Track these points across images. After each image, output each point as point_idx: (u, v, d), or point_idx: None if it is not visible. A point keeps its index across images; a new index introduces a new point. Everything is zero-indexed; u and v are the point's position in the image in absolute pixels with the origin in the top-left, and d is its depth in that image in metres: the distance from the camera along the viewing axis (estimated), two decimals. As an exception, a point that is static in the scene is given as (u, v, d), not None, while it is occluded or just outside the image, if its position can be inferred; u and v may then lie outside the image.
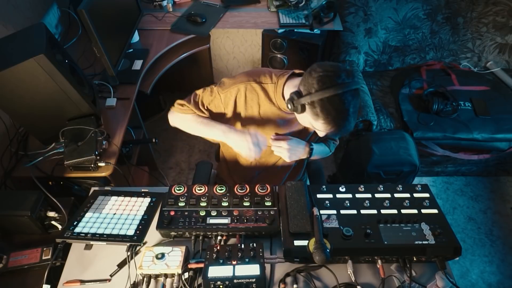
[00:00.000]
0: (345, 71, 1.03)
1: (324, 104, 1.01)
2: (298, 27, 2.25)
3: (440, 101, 2.13)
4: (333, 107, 1.01)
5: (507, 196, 2.44)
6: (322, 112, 1.03)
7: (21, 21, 1.72)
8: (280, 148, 1.23)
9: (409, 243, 1.01)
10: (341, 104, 1.01)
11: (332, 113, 1.02)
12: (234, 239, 1.12)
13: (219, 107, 1.28)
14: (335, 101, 1.01)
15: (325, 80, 1.01)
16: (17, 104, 1.32)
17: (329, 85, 1.00)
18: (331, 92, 1.00)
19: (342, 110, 1.02)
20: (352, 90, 1.01)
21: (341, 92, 1.00)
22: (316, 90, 1.02)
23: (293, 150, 1.24)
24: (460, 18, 2.34)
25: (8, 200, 1.20)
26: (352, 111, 1.03)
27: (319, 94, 1.01)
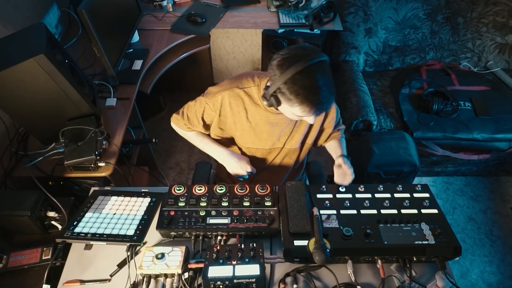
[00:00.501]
0: (300, 48, 1.02)
1: (290, 86, 1.01)
2: (298, 27, 2.24)
3: (440, 101, 2.13)
4: (299, 85, 1.00)
5: (507, 196, 2.44)
6: (292, 95, 1.01)
7: (21, 21, 1.72)
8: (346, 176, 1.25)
9: (409, 243, 1.01)
10: (305, 81, 0.99)
11: (301, 92, 1.00)
12: (234, 239, 1.12)
13: (211, 116, 1.31)
14: (298, 80, 0.99)
15: (282, 63, 1.01)
16: (17, 104, 1.32)
17: (286, 67, 1.00)
18: (290, 72, 0.99)
19: (309, 86, 1.00)
20: (314, 63, 0.99)
21: (301, 69, 0.98)
22: (278, 76, 1.02)
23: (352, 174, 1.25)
24: (460, 18, 2.34)
25: (8, 200, 1.20)
26: (321, 83, 1.00)
27: (281, 78, 1.00)
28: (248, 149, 1.40)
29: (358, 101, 2.11)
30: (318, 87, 1.00)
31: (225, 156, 1.35)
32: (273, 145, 1.37)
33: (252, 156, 1.41)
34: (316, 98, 1.02)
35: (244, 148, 1.40)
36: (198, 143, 1.42)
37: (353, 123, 2.07)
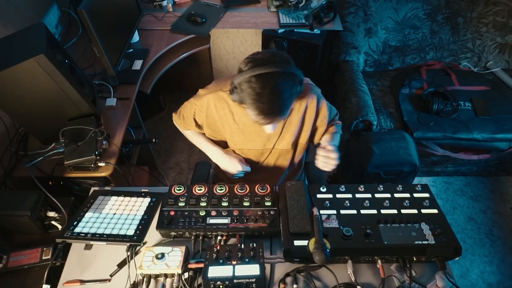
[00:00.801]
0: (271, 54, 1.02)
1: (246, 87, 1.01)
2: (298, 27, 2.24)
3: (440, 101, 2.13)
4: (252, 88, 1.00)
5: (507, 196, 2.44)
6: (244, 94, 1.02)
7: (21, 21, 1.72)
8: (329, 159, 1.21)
9: (409, 243, 1.01)
10: (258, 86, 0.99)
11: (252, 96, 1.01)
12: (234, 239, 1.12)
13: (201, 117, 1.33)
14: (252, 82, 1.00)
15: (248, 61, 1.02)
16: (17, 104, 1.32)
17: (249, 67, 1.01)
18: (249, 73, 1.00)
19: (260, 93, 0.99)
20: (274, 72, 0.99)
21: (259, 73, 0.98)
22: (241, 72, 1.03)
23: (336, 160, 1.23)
24: (460, 18, 2.34)
25: (8, 200, 1.20)
26: (273, 93, 0.99)
27: (241, 75, 1.01)
28: (240, 150, 1.41)
29: (358, 101, 2.11)
30: (268, 95, 0.99)
31: (218, 155, 1.38)
32: (264, 146, 1.37)
33: (245, 157, 1.42)
34: (263, 106, 1.01)
35: (237, 149, 1.41)
36: (194, 141, 1.46)
37: (353, 123, 2.07)
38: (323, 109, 1.31)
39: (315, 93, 1.26)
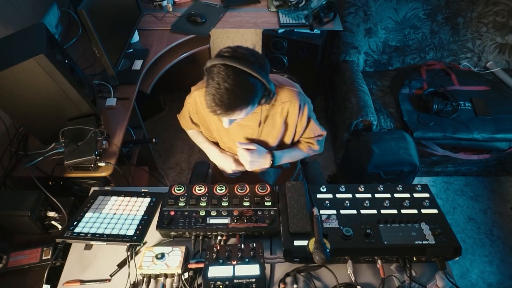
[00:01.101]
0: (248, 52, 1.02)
1: (208, 72, 1.02)
2: (298, 27, 2.24)
3: (440, 101, 2.13)
4: (210, 76, 1.01)
5: (507, 196, 2.44)
6: (209, 79, 1.02)
7: (21, 21, 1.72)
8: (243, 158, 1.28)
9: (409, 243, 1.01)
10: (221, 76, 0.99)
11: (209, 83, 1.02)
12: (234, 239, 1.12)
13: (194, 114, 1.36)
14: (213, 71, 1.00)
15: (222, 50, 1.03)
16: (17, 104, 1.32)
17: (218, 54, 1.02)
18: (215, 61, 1.00)
19: (218, 82, 0.99)
20: (236, 67, 0.98)
21: (222, 63, 0.99)
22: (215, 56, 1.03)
23: (254, 162, 1.28)
24: (460, 18, 2.34)
25: (8, 200, 1.20)
26: (224, 87, 0.98)
27: (213, 60, 1.02)
28: (229, 148, 1.42)
29: (358, 101, 2.11)
30: (224, 88, 0.99)
31: (215, 154, 1.40)
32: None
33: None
34: (214, 95, 1.00)
35: (226, 148, 1.42)
36: (195, 140, 1.49)
37: (353, 123, 2.07)
38: (303, 118, 1.28)
39: (300, 100, 1.23)
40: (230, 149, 1.42)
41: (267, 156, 1.29)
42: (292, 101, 1.23)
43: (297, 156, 1.43)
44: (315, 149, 1.41)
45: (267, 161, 1.29)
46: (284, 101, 1.23)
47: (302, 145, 1.41)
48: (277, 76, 1.29)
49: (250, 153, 1.25)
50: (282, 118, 1.26)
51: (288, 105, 1.23)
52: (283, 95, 1.22)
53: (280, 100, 1.23)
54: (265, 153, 1.29)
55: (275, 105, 1.24)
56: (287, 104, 1.23)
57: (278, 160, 1.33)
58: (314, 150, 1.41)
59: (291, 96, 1.22)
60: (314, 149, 1.40)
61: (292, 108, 1.24)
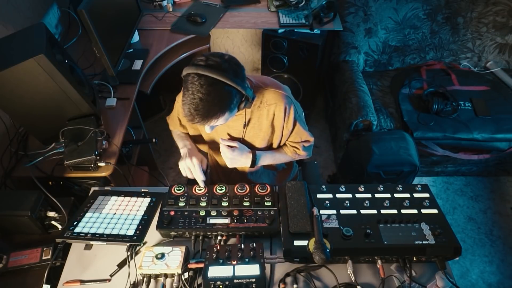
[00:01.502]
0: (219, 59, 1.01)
1: (185, 80, 1.02)
2: (298, 27, 2.24)
3: (440, 101, 2.13)
4: (184, 84, 1.01)
5: (507, 196, 2.44)
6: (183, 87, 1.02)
7: (21, 21, 1.72)
8: (224, 154, 1.26)
9: (409, 243, 1.01)
10: (193, 85, 0.99)
11: (184, 93, 1.02)
12: (234, 239, 1.12)
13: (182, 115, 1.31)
14: (187, 80, 1.00)
15: (200, 58, 1.02)
16: (17, 104, 1.32)
17: (194, 62, 1.01)
18: (190, 69, 1.00)
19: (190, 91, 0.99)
20: (211, 78, 0.98)
21: (196, 72, 0.99)
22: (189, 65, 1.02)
23: (234, 159, 1.27)
24: (460, 18, 2.34)
25: (8, 200, 1.20)
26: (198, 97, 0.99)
27: (187, 68, 1.02)
28: (216, 152, 1.41)
29: (358, 101, 2.11)
30: (195, 97, 0.99)
31: (182, 152, 1.33)
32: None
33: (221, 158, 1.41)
34: (187, 104, 1.01)
35: (213, 148, 1.42)
36: (175, 138, 1.45)
37: (353, 123, 2.07)
38: (289, 121, 1.27)
39: (285, 102, 1.22)
40: (217, 152, 1.41)
41: (249, 156, 1.28)
42: (278, 103, 1.22)
43: (280, 159, 1.42)
44: (301, 154, 1.39)
45: (248, 161, 1.28)
46: (270, 103, 1.22)
47: (287, 148, 1.40)
48: (265, 78, 1.28)
49: (231, 150, 1.24)
50: (269, 120, 1.26)
51: (274, 107, 1.23)
52: (269, 97, 1.22)
53: (266, 102, 1.22)
54: (246, 152, 1.28)
55: (261, 107, 1.23)
56: (273, 106, 1.23)
57: (259, 160, 1.32)
58: (299, 155, 1.40)
59: (277, 98, 1.22)
60: (299, 154, 1.39)
61: (277, 111, 1.23)
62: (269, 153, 1.36)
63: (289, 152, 1.39)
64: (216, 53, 1.05)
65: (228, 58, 1.04)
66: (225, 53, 1.06)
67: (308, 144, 1.38)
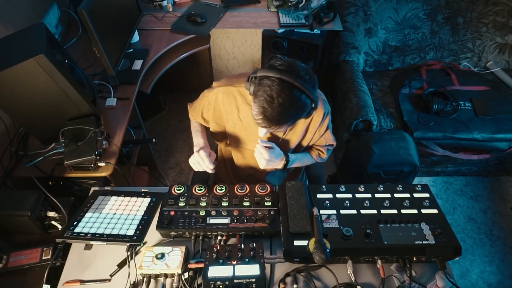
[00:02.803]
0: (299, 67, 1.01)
1: (260, 81, 1.01)
2: (298, 27, 2.24)
3: (440, 101, 2.13)
4: (269, 88, 1.00)
5: (507, 196, 2.44)
6: (260, 90, 1.01)
7: (21, 21, 1.72)
8: (261, 155, 1.23)
9: (409, 243, 1.01)
10: (268, 88, 0.99)
11: (260, 94, 1.01)
12: (234, 239, 1.12)
13: (209, 109, 1.32)
14: (265, 81, 1.00)
15: (274, 61, 1.02)
16: (17, 104, 1.32)
17: (272, 65, 1.01)
18: (268, 72, 0.99)
19: (273, 96, 0.99)
20: (290, 83, 0.98)
21: (277, 76, 0.98)
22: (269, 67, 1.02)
23: (270, 161, 1.24)
24: (460, 18, 2.34)
25: (8, 200, 1.20)
26: (279, 101, 0.98)
27: (262, 70, 1.01)
28: (239, 149, 1.40)
29: (358, 101, 2.11)
30: (278, 103, 0.99)
31: (195, 146, 1.32)
32: None
33: (243, 157, 1.42)
34: (268, 109, 1.00)
35: (235, 147, 1.41)
36: (192, 127, 1.43)
37: (353, 123, 2.07)
38: (323, 126, 1.30)
39: (325, 108, 1.25)
40: (239, 150, 1.40)
41: (283, 158, 1.28)
42: (319, 108, 1.23)
43: (306, 162, 1.44)
44: (323, 157, 1.42)
45: (282, 163, 1.28)
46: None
47: (313, 152, 1.42)
48: None
49: (269, 152, 1.22)
50: (305, 124, 1.27)
51: (313, 112, 1.23)
52: None
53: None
54: (282, 155, 1.27)
55: None
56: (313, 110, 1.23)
57: (291, 164, 1.33)
58: (322, 158, 1.43)
59: (319, 103, 1.22)
60: (322, 157, 1.42)
61: (316, 116, 1.25)
62: (299, 157, 1.37)
63: (314, 155, 1.41)
64: (293, 60, 1.05)
65: (306, 67, 1.04)
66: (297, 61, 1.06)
67: (331, 148, 1.42)
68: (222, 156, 1.54)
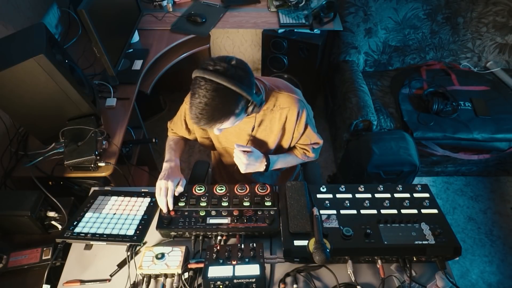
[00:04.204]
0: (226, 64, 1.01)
1: (193, 82, 1.02)
2: (298, 27, 2.24)
3: (440, 101, 2.13)
4: (195, 86, 1.01)
5: (507, 196, 2.44)
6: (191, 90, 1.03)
7: (21, 21, 1.72)
8: (240, 160, 1.23)
9: (409, 243, 1.01)
10: (199, 88, 1.00)
11: (191, 93, 1.02)
12: (234, 239, 1.12)
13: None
14: (198, 82, 1.00)
15: (207, 63, 1.02)
16: (17, 104, 1.32)
17: (204, 65, 1.01)
18: (200, 73, 1.00)
19: (196, 94, 1.00)
20: (216, 82, 0.98)
21: (198, 75, 1.00)
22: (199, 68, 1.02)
23: (249, 165, 1.24)
24: (460, 18, 2.34)
25: (8, 200, 1.20)
26: (205, 100, 0.99)
27: (196, 72, 1.02)
28: (224, 149, 1.41)
29: (358, 101, 2.11)
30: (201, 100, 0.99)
31: (163, 168, 1.26)
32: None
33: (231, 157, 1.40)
34: (193, 107, 1.02)
35: (220, 148, 1.42)
36: (167, 145, 1.42)
37: (353, 123, 2.07)
38: (301, 125, 1.28)
39: (298, 106, 1.23)
40: (225, 149, 1.42)
41: (263, 160, 1.28)
42: (291, 107, 1.23)
43: (291, 162, 1.43)
44: (310, 156, 1.41)
45: (262, 165, 1.28)
46: (283, 107, 1.23)
47: (297, 151, 1.40)
48: (279, 81, 1.29)
49: (247, 156, 1.23)
50: (281, 123, 1.26)
51: (286, 111, 1.23)
52: (282, 101, 1.23)
53: (279, 106, 1.23)
54: (261, 157, 1.28)
55: (274, 110, 1.24)
56: (286, 110, 1.23)
57: (273, 165, 1.33)
58: (309, 157, 1.41)
59: (291, 102, 1.22)
60: (309, 156, 1.40)
61: (290, 114, 1.24)
62: (281, 157, 1.36)
63: (299, 155, 1.40)
64: (225, 57, 1.05)
65: (235, 63, 1.04)
66: (235, 57, 1.06)
67: (317, 146, 1.40)
68: (215, 160, 1.55)
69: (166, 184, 1.15)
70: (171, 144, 1.41)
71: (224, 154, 1.44)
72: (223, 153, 1.44)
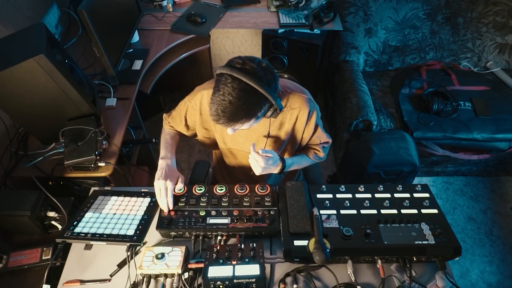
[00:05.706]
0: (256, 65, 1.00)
1: (218, 78, 1.01)
2: (298, 27, 2.24)
3: (440, 101, 2.13)
4: (220, 83, 1.00)
5: (507, 196, 2.44)
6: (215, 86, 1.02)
7: (21, 21, 1.72)
8: (257, 163, 1.19)
9: (409, 243, 1.01)
10: (224, 85, 0.98)
11: (215, 89, 1.01)
12: (234, 239, 1.12)
13: (194, 115, 1.31)
14: (220, 79, 1.00)
15: (236, 61, 1.01)
16: (17, 104, 1.32)
17: (230, 63, 1.00)
18: (227, 70, 0.98)
19: (220, 91, 0.98)
20: (244, 82, 0.97)
21: (224, 72, 0.98)
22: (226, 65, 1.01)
23: (266, 168, 1.22)
24: (460, 18, 2.34)
25: (8, 200, 1.20)
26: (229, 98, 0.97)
27: (223, 68, 1.01)
28: (230, 150, 1.40)
29: (358, 101, 2.11)
30: (225, 98, 0.98)
31: (159, 166, 1.26)
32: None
33: (235, 158, 1.41)
34: (215, 104, 1.00)
35: (225, 149, 1.41)
36: (161, 139, 1.41)
37: (353, 123, 2.07)
38: (311, 125, 1.28)
39: (309, 107, 1.23)
40: (230, 150, 1.41)
41: (279, 164, 1.27)
42: (302, 107, 1.22)
43: (304, 164, 1.43)
44: (321, 156, 1.41)
45: (278, 168, 1.27)
46: (294, 107, 1.23)
47: (309, 152, 1.41)
48: (288, 82, 1.28)
49: (266, 160, 1.20)
50: (291, 124, 1.26)
51: (297, 112, 1.23)
52: (293, 101, 1.22)
53: (290, 106, 1.22)
54: (278, 160, 1.25)
55: (285, 111, 1.23)
56: (296, 110, 1.23)
57: (288, 168, 1.32)
58: (320, 157, 1.41)
59: (301, 102, 1.22)
60: (319, 156, 1.40)
61: (301, 115, 1.24)
62: (296, 159, 1.36)
63: (310, 156, 1.40)
64: (254, 58, 1.04)
65: (265, 65, 1.03)
66: (263, 59, 1.05)
67: (326, 145, 1.40)
68: (217, 160, 1.54)
69: (165, 184, 1.15)
70: (167, 138, 1.40)
71: (228, 155, 1.43)
72: (226, 153, 1.43)
